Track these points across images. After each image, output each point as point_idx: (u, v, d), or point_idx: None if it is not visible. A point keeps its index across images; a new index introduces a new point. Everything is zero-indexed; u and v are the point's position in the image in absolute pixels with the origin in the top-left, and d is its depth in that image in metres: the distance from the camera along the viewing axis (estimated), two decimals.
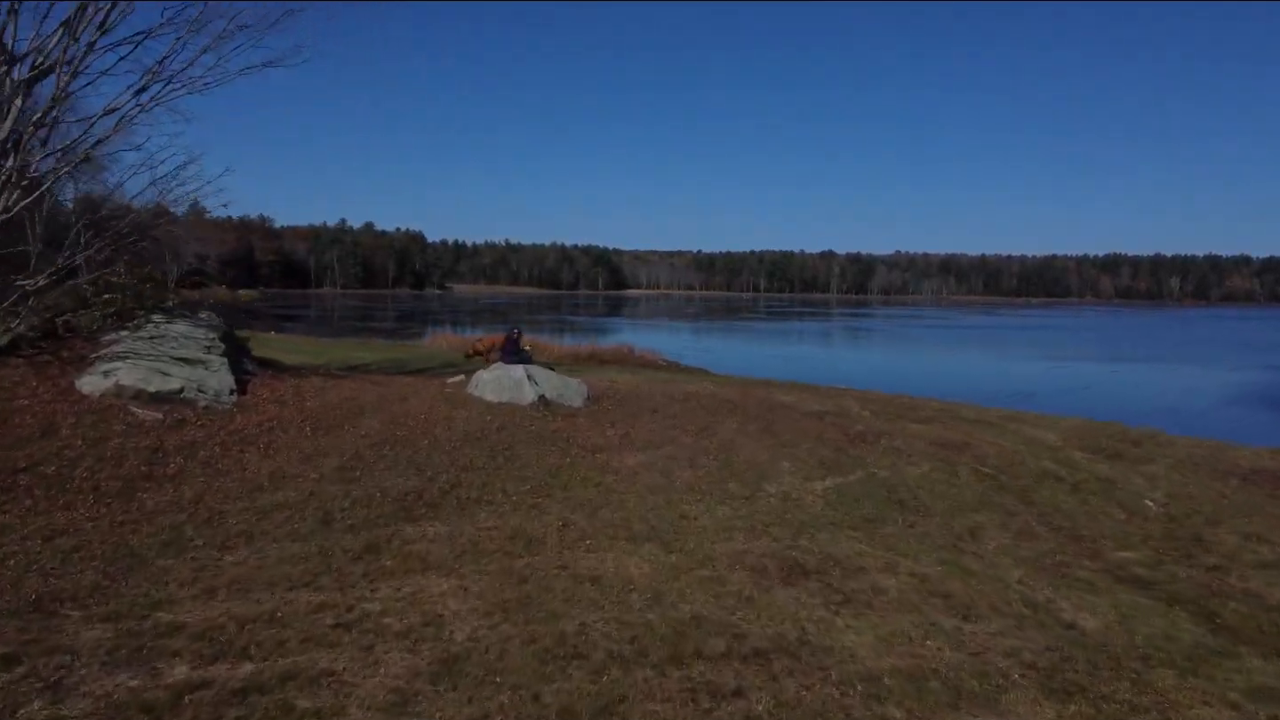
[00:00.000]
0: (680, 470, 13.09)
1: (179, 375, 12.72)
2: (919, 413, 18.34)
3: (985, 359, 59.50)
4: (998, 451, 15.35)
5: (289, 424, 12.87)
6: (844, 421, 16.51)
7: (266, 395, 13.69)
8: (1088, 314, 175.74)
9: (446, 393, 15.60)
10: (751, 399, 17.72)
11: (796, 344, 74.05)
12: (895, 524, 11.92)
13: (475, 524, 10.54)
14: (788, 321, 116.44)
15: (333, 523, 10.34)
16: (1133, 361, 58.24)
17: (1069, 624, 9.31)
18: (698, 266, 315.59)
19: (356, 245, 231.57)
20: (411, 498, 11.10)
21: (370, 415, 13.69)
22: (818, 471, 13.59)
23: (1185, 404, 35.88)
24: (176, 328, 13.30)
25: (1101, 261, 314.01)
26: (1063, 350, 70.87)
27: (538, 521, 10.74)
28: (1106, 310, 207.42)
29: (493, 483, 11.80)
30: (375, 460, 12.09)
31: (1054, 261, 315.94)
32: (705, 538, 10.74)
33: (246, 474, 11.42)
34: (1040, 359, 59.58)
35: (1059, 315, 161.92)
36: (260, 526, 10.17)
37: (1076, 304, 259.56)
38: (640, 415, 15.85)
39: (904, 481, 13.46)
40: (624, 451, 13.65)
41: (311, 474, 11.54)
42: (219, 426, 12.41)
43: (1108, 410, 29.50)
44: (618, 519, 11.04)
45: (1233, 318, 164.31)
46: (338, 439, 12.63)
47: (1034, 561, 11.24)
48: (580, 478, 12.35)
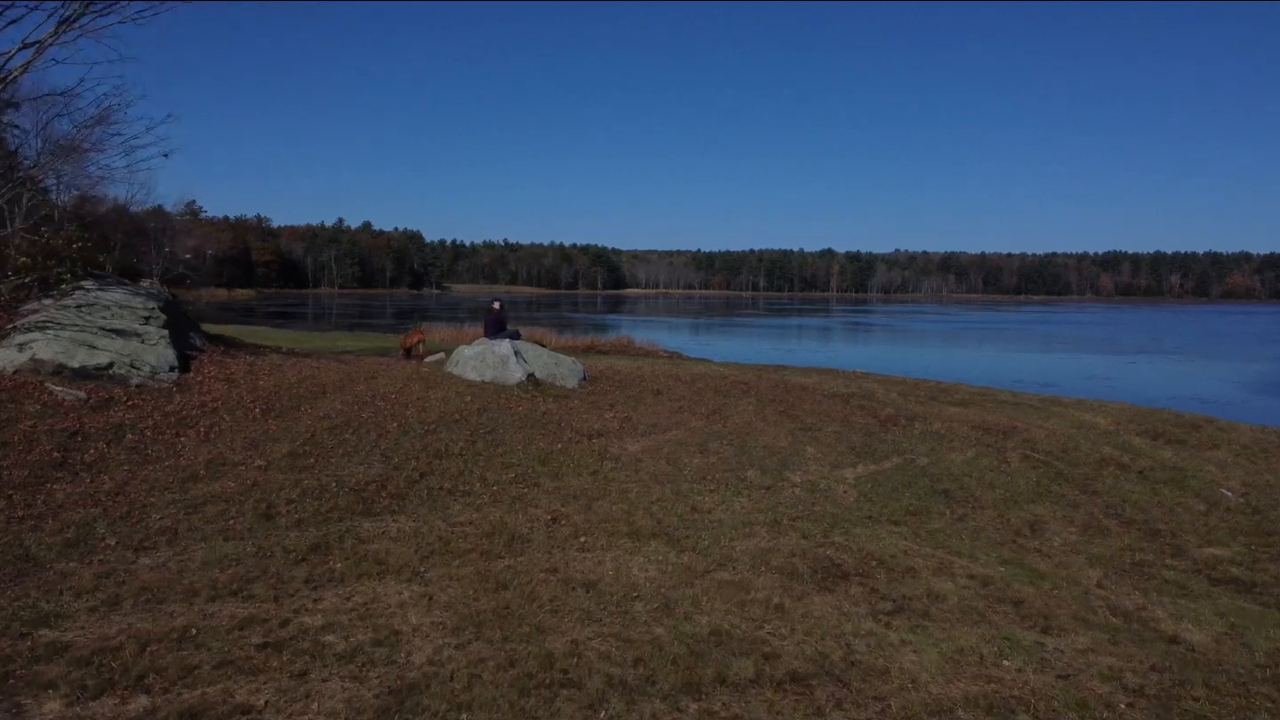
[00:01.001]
0: (690, 457, 11.36)
1: (108, 349, 10.97)
2: (951, 395, 16.60)
3: (997, 352, 57.71)
4: (1048, 436, 13.60)
5: (236, 405, 11.12)
6: (871, 404, 14.78)
7: (214, 373, 11.93)
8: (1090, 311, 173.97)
9: (422, 371, 13.81)
10: (766, 381, 15.97)
11: (801, 340, 72.27)
12: (943, 517, 10.20)
13: (447, 518, 8.82)
14: (789, 319, 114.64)
15: (276, 517, 8.62)
16: (1148, 354, 56.44)
17: (1171, 637, 7.61)
18: (697, 265, 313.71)
19: (354, 245, 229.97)
20: (373, 488, 9.36)
21: (332, 395, 11.94)
22: (847, 458, 11.86)
23: (1216, 393, 34.11)
24: (110, 295, 11.54)
25: (1101, 259, 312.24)
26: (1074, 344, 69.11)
27: (523, 515, 9.02)
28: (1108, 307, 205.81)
29: (470, 470, 10.07)
30: (333, 446, 10.35)
31: (1054, 259, 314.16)
32: (722, 534, 9.03)
33: (180, 461, 9.68)
34: (1053, 352, 57.85)
35: (1061, 312, 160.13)
36: (188, 522, 8.45)
37: (1077, 301, 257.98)
38: (643, 397, 14.09)
39: (947, 469, 11.73)
40: (625, 436, 11.91)
41: (257, 461, 9.80)
42: (153, 407, 10.67)
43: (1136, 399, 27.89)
44: (618, 512, 9.32)
45: (1237, 313, 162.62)
46: (292, 422, 10.88)
47: (1110, 560, 9.52)
48: (574, 465, 10.61)
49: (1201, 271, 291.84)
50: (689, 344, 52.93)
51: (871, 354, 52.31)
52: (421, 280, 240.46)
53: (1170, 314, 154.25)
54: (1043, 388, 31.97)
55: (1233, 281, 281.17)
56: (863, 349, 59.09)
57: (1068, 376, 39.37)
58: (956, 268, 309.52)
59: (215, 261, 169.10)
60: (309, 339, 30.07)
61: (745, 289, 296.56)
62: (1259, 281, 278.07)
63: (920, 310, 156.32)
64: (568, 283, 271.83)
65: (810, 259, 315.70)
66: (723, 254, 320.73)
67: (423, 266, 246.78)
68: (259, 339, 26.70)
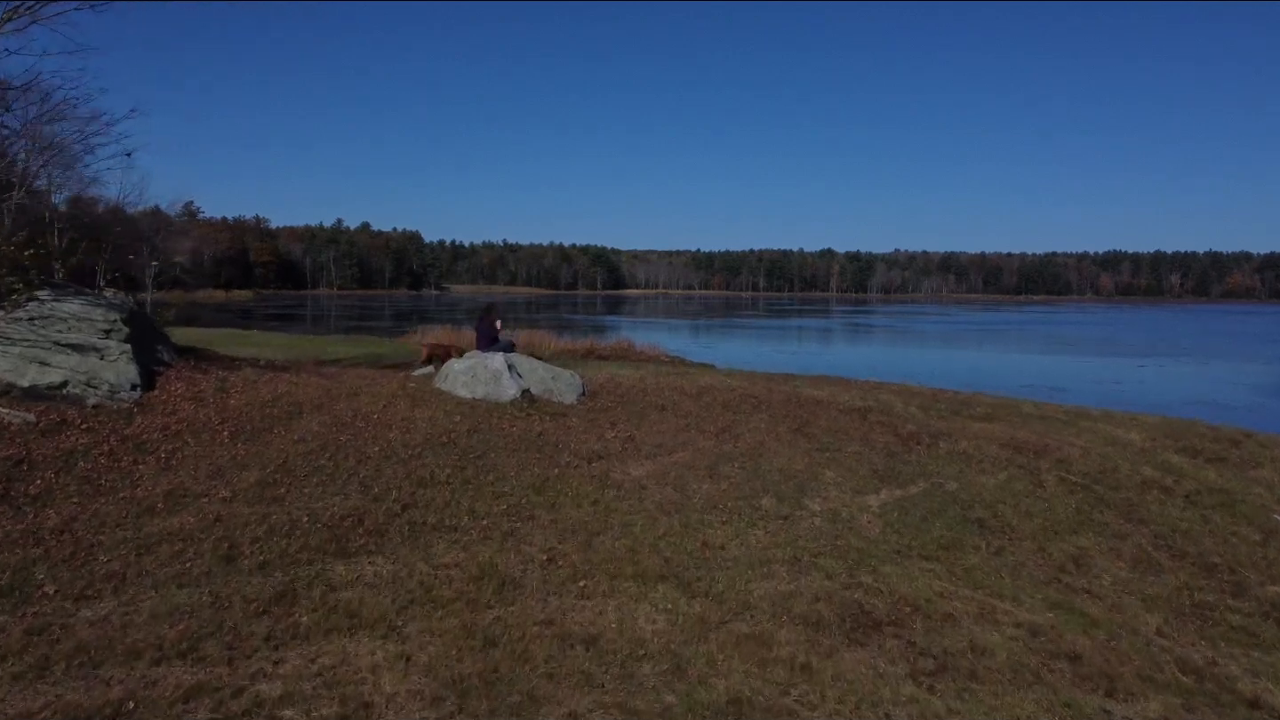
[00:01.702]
0: (699, 482, 10.41)
1: (63, 366, 10.03)
2: (974, 409, 15.64)
3: (1003, 353, 56.77)
4: (1083, 455, 12.65)
5: (203, 427, 10.16)
6: (891, 420, 13.83)
7: (181, 391, 10.97)
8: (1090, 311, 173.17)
9: (409, 387, 12.80)
10: (777, 394, 15.01)
11: (803, 341, 71.38)
12: (978, 551, 9.27)
13: (430, 559, 7.88)
14: (790, 319, 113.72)
15: (238, 559, 7.68)
16: (1156, 356, 55.50)
17: (1252, 700, 6.69)
18: (696, 265, 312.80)
19: (353, 245, 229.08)
20: (349, 523, 8.41)
21: (309, 415, 10.96)
22: (869, 482, 10.92)
23: (1228, 397, 33.21)
24: (68, 307, 10.58)
25: (1101, 259, 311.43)
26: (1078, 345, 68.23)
27: (515, 555, 8.08)
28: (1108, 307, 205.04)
29: (458, 501, 9.12)
30: (307, 473, 9.40)
31: (1054, 259, 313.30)
32: (737, 574, 8.10)
33: (136, 493, 8.74)
34: (1058, 353, 56.94)
35: (1062, 312, 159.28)
36: (139, 565, 7.51)
37: (1077, 301, 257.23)
38: (647, 414, 13.12)
39: (979, 495, 10.79)
40: (628, 459, 10.96)
41: (221, 492, 8.86)
42: (110, 430, 9.71)
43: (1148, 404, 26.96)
44: (621, 549, 8.38)
45: (1237, 313, 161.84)
46: (263, 446, 9.93)
47: (1168, 602, 8.59)
48: (573, 494, 9.66)
49: (1202, 271, 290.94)
50: (691, 347, 52.01)
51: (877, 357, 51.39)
52: (421, 281, 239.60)
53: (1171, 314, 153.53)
54: (1054, 393, 31.06)
55: (1233, 281, 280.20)
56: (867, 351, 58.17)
57: (1078, 380, 38.46)
58: (956, 268, 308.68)
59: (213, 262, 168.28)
60: (300, 344, 29.12)
61: (745, 289, 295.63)
62: (1259, 281, 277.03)
63: (921, 311, 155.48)
64: (567, 283, 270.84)
65: (810, 259, 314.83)
66: (722, 254, 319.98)
67: (422, 267, 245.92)
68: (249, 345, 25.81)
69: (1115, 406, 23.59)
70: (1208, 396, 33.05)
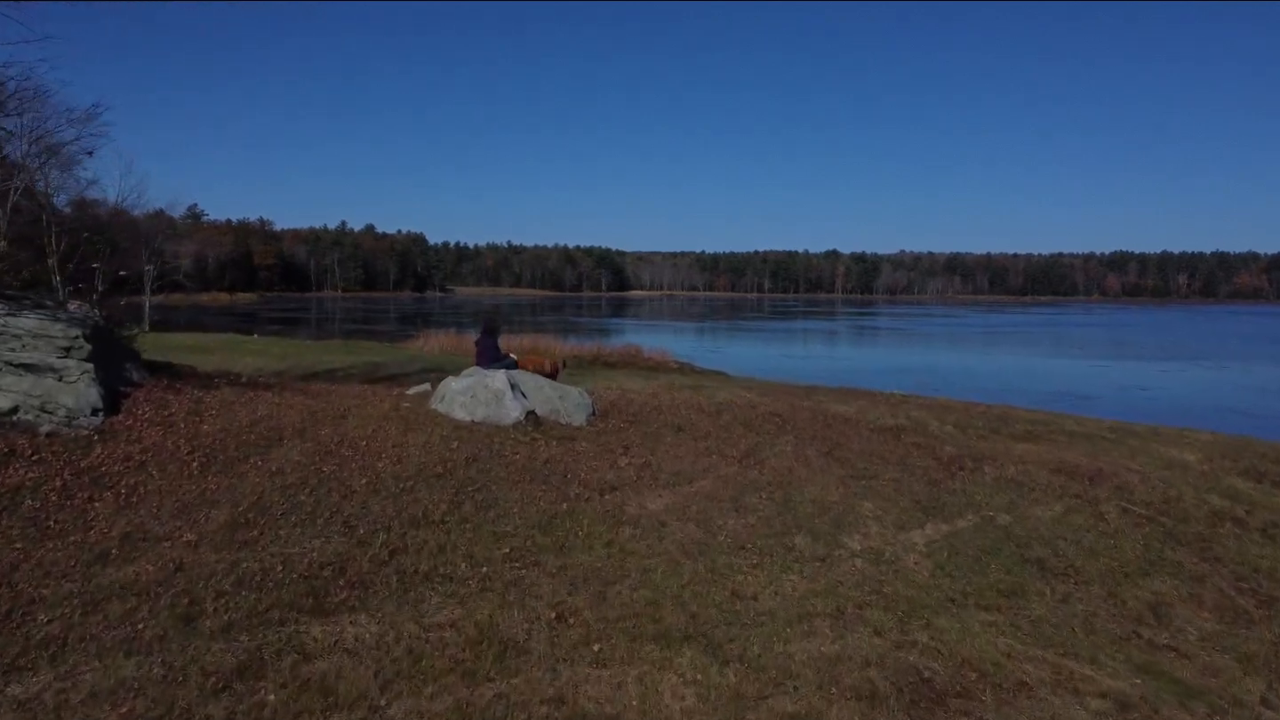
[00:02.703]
0: (724, 517, 9.33)
1: (14, 389, 8.95)
2: (1013, 426, 14.54)
3: (1018, 357, 55.47)
4: (1142, 481, 11.56)
5: (171, 457, 9.08)
6: (928, 440, 12.75)
7: (148, 415, 9.88)
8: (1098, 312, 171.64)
9: (403, 408, 11.64)
10: (801, 411, 13.92)
11: (813, 345, 70.22)
12: (1042, 598, 8.19)
13: (421, 617, 6.82)
14: (797, 321, 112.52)
15: (199, 619, 6.62)
16: (1174, 359, 54.23)
17: None
18: (701, 267, 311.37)
19: (357, 248, 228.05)
20: (329, 573, 7.35)
21: (290, 442, 9.86)
22: (912, 515, 9.83)
23: (1258, 405, 32.00)
24: (23, 322, 9.50)
25: (1108, 259, 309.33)
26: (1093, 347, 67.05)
27: (519, 611, 7.01)
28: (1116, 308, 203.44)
29: (454, 545, 8.05)
30: (284, 511, 8.33)
31: (1060, 260, 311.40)
32: (774, 632, 7.03)
33: (88, 536, 7.69)
34: (1075, 357, 55.69)
35: (1070, 313, 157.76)
36: (85, 627, 6.45)
37: (1084, 302, 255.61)
38: (662, 435, 12.01)
39: (1035, 530, 9.70)
40: (644, 490, 9.87)
41: (186, 535, 7.80)
42: (64, 462, 8.64)
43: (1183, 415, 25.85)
44: (640, 603, 7.32)
45: (1247, 314, 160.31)
46: (236, 479, 8.85)
47: (1266, 661, 7.50)
48: (583, 533, 8.58)
49: (1209, 271, 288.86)
50: (699, 351, 50.85)
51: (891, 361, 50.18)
52: (425, 283, 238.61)
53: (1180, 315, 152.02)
54: (1081, 402, 29.98)
55: (1241, 281, 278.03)
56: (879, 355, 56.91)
57: (1101, 386, 37.31)
58: (962, 268, 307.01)
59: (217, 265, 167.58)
60: (299, 351, 28.08)
61: (750, 290, 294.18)
62: (1267, 281, 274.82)
63: (928, 312, 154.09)
64: (572, 284, 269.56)
65: (815, 260, 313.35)
66: (727, 255, 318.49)
67: (426, 269, 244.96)
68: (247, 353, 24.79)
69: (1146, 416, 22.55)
70: (1239, 405, 31.88)
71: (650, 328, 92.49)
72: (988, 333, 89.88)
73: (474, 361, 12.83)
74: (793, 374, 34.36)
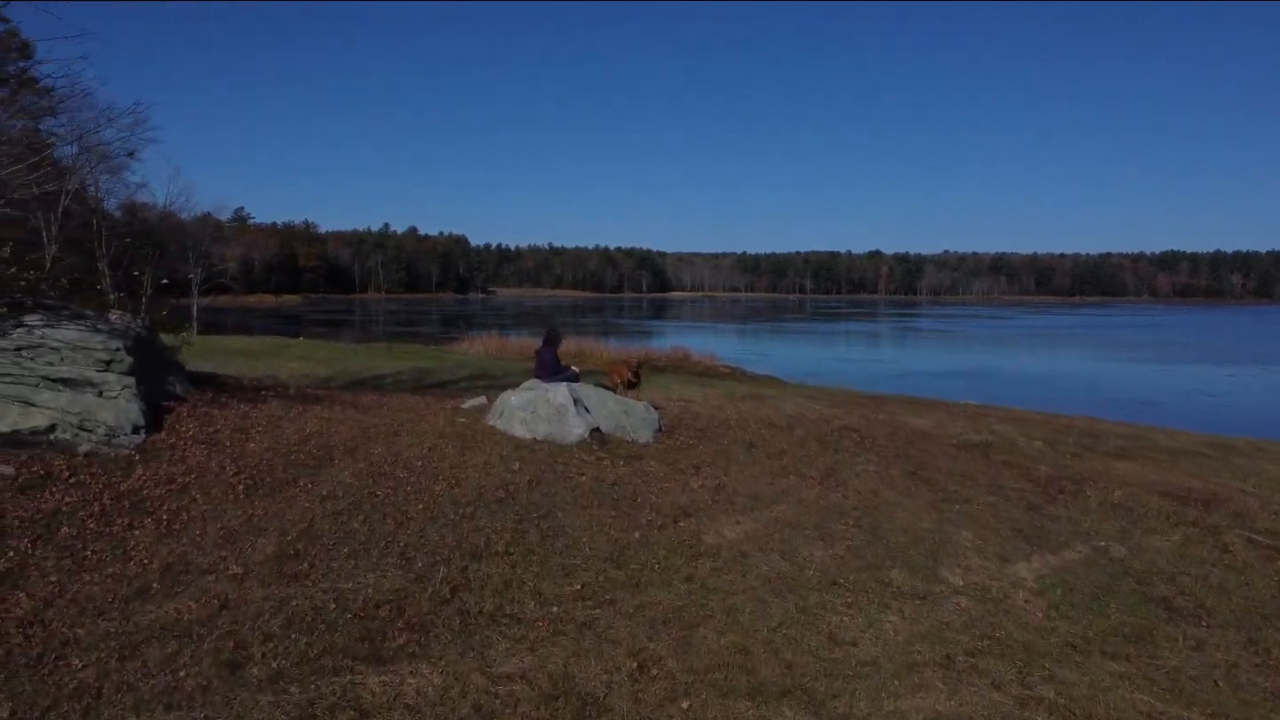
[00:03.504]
0: (809, 547, 8.54)
1: (51, 406, 8.41)
2: (1106, 443, 13.56)
3: (1077, 361, 53.79)
4: (1261, 507, 10.56)
5: (215, 479, 8.48)
6: (1018, 459, 11.86)
7: (192, 432, 9.32)
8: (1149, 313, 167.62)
9: (458, 424, 10.98)
10: (877, 425, 13.07)
11: (862, 347, 68.93)
12: (1174, 645, 7.29)
13: (488, 666, 6.11)
14: (841, 323, 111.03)
15: (245, 666, 5.97)
16: (1238, 363, 52.25)
17: None
18: (742, 268, 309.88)
19: (400, 250, 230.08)
20: (386, 613, 6.68)
21: (341, 462, 9.23)
22: (1015, 546, 8.96)
23: None
24: (62, 334, 8.97)
25: (1158, 259, 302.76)
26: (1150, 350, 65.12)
27: (595, 660, 6.28)
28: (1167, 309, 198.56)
29: (520, 580, 7.34)
30: (336, 541, 7.68)
31: (1108, 259, 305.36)
32: (881, 686, 6.22)
33: (127, 567, 7.09)
34: (1137, 361, 53.85)
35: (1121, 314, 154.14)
36: (121, 674, 5.83)
37: (1133, 303, 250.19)
38: (734, 453, 11.23)
39: (1154, 564, 8.77)
40: (720, 515, 9.10)
41: (231, 567, 7.17)
42: (103, 485, 8.08)
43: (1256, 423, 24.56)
44: (728, 649, 6.55)
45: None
46: (284, 504, 8.22)
47: None
48: (660, 566, 7.83)
49: (1264, 271, 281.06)
50: (746, 353, 49.98)
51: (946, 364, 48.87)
52: (467, 284, 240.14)
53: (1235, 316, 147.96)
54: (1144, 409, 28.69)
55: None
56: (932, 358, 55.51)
57: (1164, 392, 35.86)
58: (1007, 269, 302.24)
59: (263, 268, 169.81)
60: (344, 355, 27.69)
61: (791, 291, 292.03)
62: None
63: (973, 313, 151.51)
64: (612, 286, 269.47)
65: (857, 261, 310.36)
66: (769, 256, 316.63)
67: (468, 271, 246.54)
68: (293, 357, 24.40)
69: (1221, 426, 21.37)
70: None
71: (693, 329, 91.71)
72: (1037, 335, 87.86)
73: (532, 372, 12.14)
74: (846, 378, 33.40)
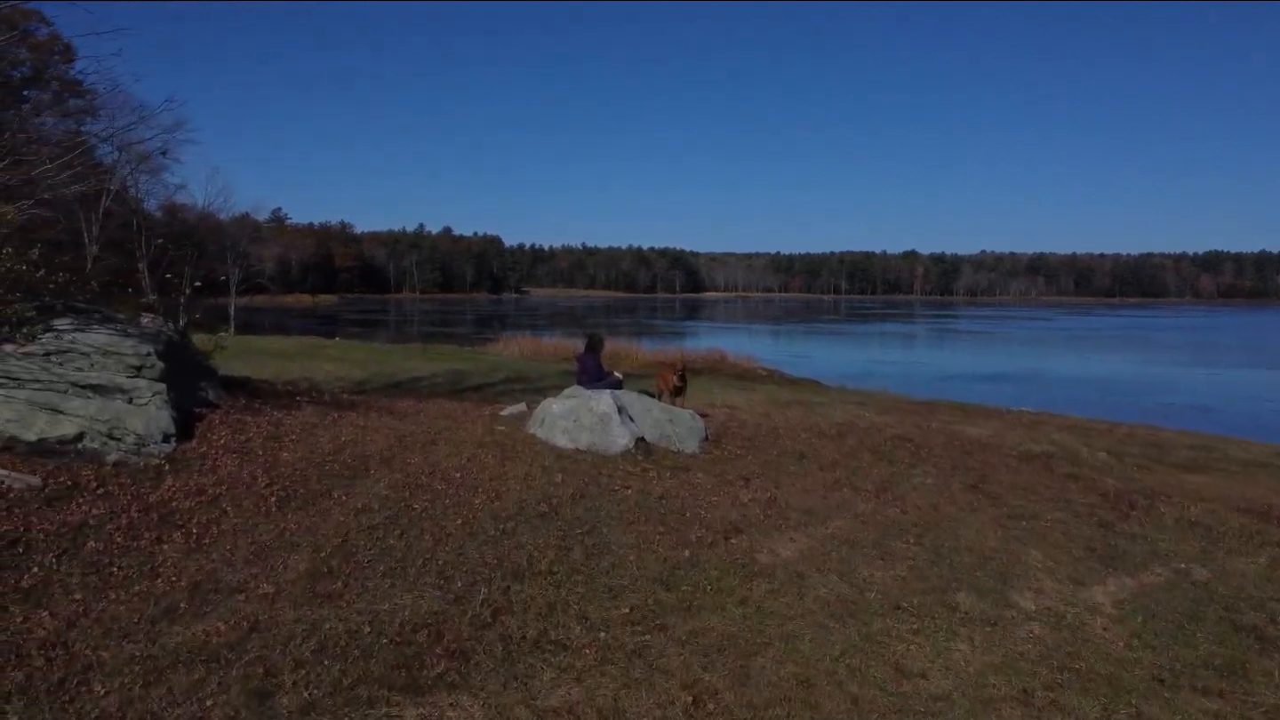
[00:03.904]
0: (868, 566, 8.05)
1: (79, 413, 8.12)
2: (1174, 454, 12.91)
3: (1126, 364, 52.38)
4: None
5: (247, 491, 8.15)
6: (1083, 472, 11.27)
7: (224, 440, 9.00)
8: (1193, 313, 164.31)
9: (498, 432, 10.58)
10: (932, 435, 12.52)
11: (901, 349, 67.91)
12: (1270, 680, 6.71)
13: (533, 698, 5.69)
14: (877, 324, 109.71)
15: (275, 695, 5.60)
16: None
17: None
18: (776, 268, 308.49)
19: (434, 250, 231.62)
20: (424, 637, 6.28)
21: (377, 473, 8.86)
22: (1089, 567, 8.39)
23: None
24: (92, 338, 8.69)
25: (1201, 259, 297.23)
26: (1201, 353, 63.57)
27: (646, 692, 5.83)
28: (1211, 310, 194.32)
29: (565, 602, 6.92)
30: (372, 558, 7.31)
31: (1150, 259, 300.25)
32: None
33: (154, 584, 6.76)
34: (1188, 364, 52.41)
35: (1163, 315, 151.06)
36: (145, 702, 5.47)
37: (1175, 304, 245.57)
38: (784, 464, 10.74)
39: (1241, 589, 8.17)
40: (773, 532, 8.63)
41: (262, 585, 6.82)
42: (132, 496, 7.77)
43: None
44: (789, 681, 6.08)
45: None
46: (318, 518, 7.86)
47: None
48: (712, 588, 7.38)
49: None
50: (783, 355, 49.29)
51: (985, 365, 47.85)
52: (501, 284, 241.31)
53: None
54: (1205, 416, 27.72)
55: None
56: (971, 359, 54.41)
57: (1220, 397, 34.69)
58: (1046, 269, 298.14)
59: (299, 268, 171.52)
60: (379, 357, 27.50)
61: (826, 292, 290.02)
62: None
63: (1011, 314, 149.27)
64: (645, 286, 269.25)
65: (893, 261, 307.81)
66: (802, 256, 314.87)
67: (502, 271, 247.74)
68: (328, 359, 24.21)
69: None
70: None
71: (728, 330, 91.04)
72: (1080, 337, 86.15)
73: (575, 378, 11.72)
74: (890, 382, 32.71)
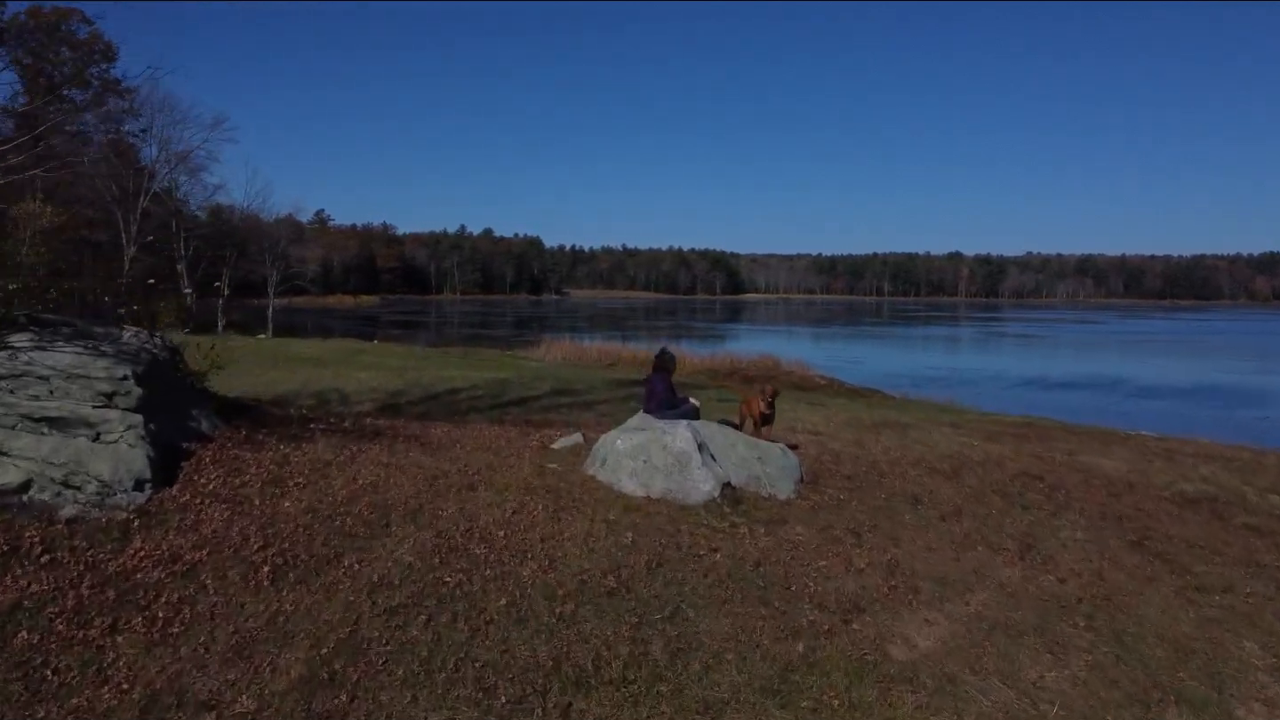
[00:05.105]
0: (1034, 662, 6.12)
1: (28, 455, 6.45)
2: None
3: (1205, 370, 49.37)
4: None
5: (234, 557, 6.40)
6: (1265, 522, 9.25)
7: (214, 486, 7.28)
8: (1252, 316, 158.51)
9: (549, 471, 8.55)
10: (1061, 470, 10.52)
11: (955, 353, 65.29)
12: None
13: None
14: (924, 327, 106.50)
15: None
16: None
17: None
18: (818, 269, 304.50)
19: (475, 251, 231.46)
20: None
21: (400, 530, 7.05)
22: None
23: None
24: (56, 358, 7.06)
25: (1257, 261, 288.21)
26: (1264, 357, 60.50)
27: None
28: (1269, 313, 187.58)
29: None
30: (389, 656, 5.52)
31: (1203, 261, 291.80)
32: None
33: (101, 695, 5.04)
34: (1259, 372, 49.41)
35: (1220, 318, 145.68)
36: None
37: (1230, 306, 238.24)
38: (897, 512, 8.76)
39: None
40: (902, 609, 6.71)
41: (241, 699, 5.06)
42: (86, 566, 6.06)
43: None
44: None
45: None
46: (321, 595, 6.08)
47: None
48: (841, 701, 5.47)
49: None
50: (836, 360, 47.10)
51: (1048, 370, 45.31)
52: (541, 286, 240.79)
53: None
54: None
55: None
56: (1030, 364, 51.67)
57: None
58: (1094, 271, 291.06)
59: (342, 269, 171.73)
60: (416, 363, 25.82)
61: (869, 293, 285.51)
62: None
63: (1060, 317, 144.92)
64: (686, 287, 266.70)
65: (937, 262, 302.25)
66: (845, 257, 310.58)
67: (542, 272, 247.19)
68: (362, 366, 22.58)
69: None
70: None
71: (772, 333, 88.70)
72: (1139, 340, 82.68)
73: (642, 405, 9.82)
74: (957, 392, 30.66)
